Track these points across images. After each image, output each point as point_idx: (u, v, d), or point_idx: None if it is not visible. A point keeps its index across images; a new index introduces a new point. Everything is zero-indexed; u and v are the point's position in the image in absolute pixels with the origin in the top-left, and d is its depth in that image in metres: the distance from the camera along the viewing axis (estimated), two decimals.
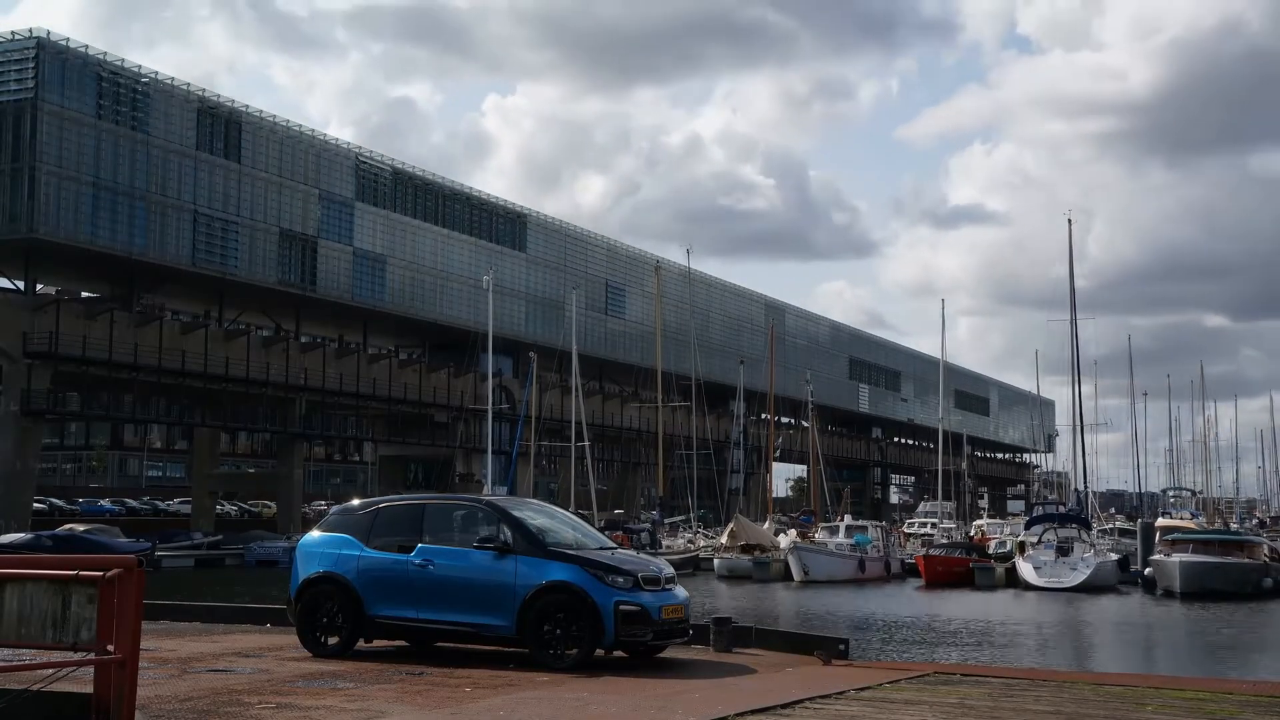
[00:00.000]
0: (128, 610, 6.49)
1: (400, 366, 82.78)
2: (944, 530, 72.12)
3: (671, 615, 12.41)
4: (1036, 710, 9.57)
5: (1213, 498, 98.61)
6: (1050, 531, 52.31)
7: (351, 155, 79.14)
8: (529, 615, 12.01)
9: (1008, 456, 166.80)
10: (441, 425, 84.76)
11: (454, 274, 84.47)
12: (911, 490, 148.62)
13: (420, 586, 12.55)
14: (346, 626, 12.84)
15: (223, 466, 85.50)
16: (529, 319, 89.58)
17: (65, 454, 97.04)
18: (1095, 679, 13.24)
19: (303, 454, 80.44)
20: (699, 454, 71.31)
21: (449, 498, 16.71)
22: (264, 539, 64.92)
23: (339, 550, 13.12)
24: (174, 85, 68.07)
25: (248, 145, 71.60)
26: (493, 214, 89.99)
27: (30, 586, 6.75)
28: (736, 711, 9.12)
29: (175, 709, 9.17)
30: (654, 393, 70.70)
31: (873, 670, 12.37)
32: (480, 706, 9.52)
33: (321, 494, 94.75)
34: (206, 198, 68.87)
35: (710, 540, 64.38)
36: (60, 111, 61.51)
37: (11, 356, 60.29)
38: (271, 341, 75.45)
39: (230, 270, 70.08)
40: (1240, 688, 11.58)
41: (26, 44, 61.29)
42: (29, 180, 60.39)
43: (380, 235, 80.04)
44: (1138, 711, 9.54)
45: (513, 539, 12.42)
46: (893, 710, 9.48)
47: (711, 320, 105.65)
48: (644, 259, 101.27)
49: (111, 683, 6.50)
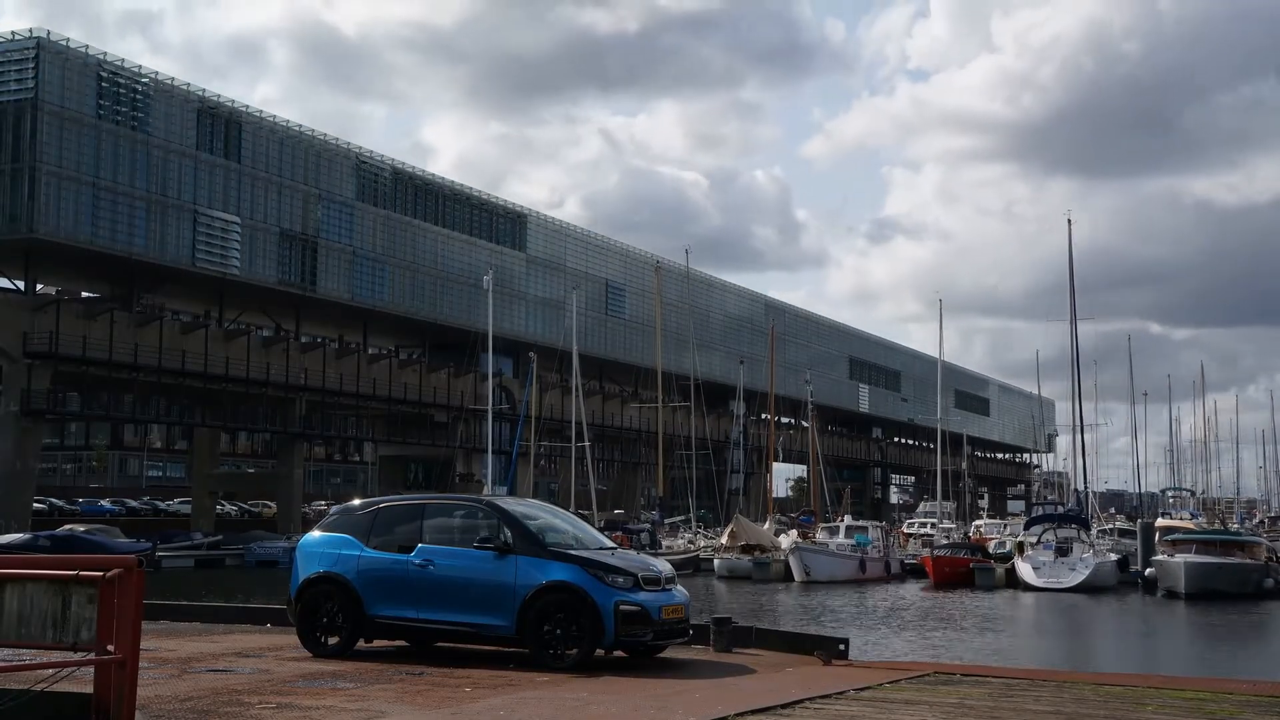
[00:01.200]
0: (128, 610, 6.50)
1: (400, 366, 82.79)
2: (944, 530, 72.13)
3: (671, 615, 12.42)
4: (1036, 710, 9.57)
5: (1212, 498, 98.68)
6: (1050, 532, 52.32)
7: (351, 155, 79.14)
8: (529, 615, 12.01)
9: (1008, 456, 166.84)
10: (441, 425, 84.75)
11: (454, 274, 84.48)
12: (911, 490, 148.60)
13: (420, 586, 12.55)
14: (347, 626, 12.84)
15: (223, 466, 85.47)
16: (529, 319, 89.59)
17: (65, 454, 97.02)
18: (1095, 679, 13.23)
19: (303, 454, 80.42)
20: (699, 454, 71.28)
21: (449, 498, 16.70)
22: (264, 539, 64.89)
23: (339, 550, 13.12)
24: (174, 85, 68.08)
25: (248, 145, 71.59)
26: (493, 214, 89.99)
27: (30, 587, 6.76)
28: (736, 711, 9.12)
29: (175, 709, 9.17)
30: (654, 393, 70.69)
31: (873, 670, 12.36)
32: (480, 706, 9.52)
33: (321, 494, 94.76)
34: (206, 198, 68.86)
35: (710, 540, 64.37)
36: (60, 111, 61.50)
37: (11, 356, 60.29)
38: (271, 341, 75.45)
39: (230, 270, 70.08)
40: (1240, 688, 11.58)
41: (26, 44, 61.29)
42: (29, 180, 60.38)
43: (380, 235, 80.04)
44: (1138, 711, 9.54)
45: (513, 539, 12.42)
46: (893, 710, 9.48)
47: (711, 320, 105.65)
48: (644, 259, 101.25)
49: (111, 683, 6.50)
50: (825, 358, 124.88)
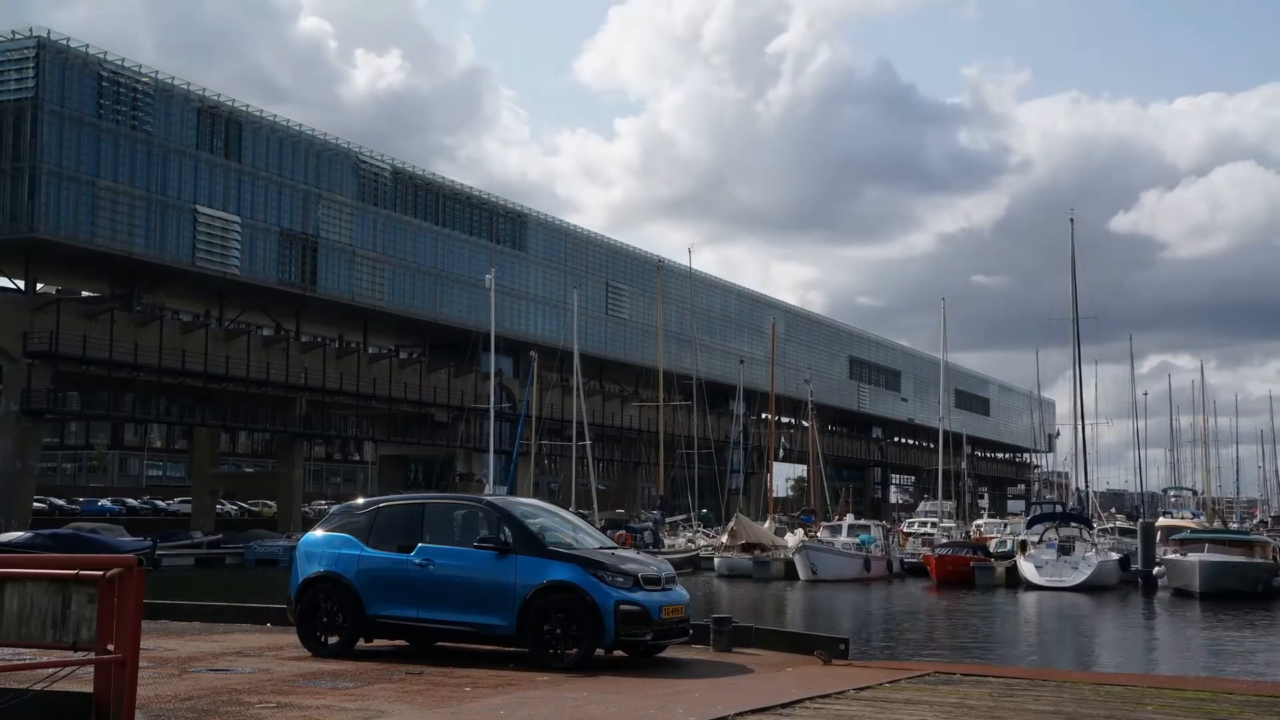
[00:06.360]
0: (128, 610, 6.49)
1: (400, 366, 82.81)
2: (944, 530, 72.07)
3: (671, 615, 12.40)
4: (1036, 710, 9.57)
5: (1212, 498, 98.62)
6: (1051, 531, 52.32)
7: (351, 155, 79.14)
8: (529, 615, 12.00)
9: (1008, 456, 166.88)
10: (442, 425, 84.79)
11: (454, 274, 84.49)
12: (911, 490, 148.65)
13: (420, 586, 12.54)
14: (347, 626, 12.82)
15: (223, 466, 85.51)
16: (529, 318, 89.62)
17: (65, 454, 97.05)
18: (1095, 679, 13.24)
19: (303, 454, 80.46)
20: (699, 454, 71.30)
21: (449, 497, 16.66)
22: (264, 538, 64.93)
23: (339, 550, 13.11)
24: (174, 85, 68.08)
25: (248, 145, 71.60)
26: (493, 214, 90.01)
27: (30, 586, 6.75)
28: (736, 711, 9.11)
29: (175, 709, 9.16)
30: (654, 392, 70.73)
31: (873, 670, 12.34)
32: (480, 706, 9.51)
33: (321, 494, 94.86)
34: (206, 197, 68.88)
35: (711, 540, 64.39)
36: (60, 111, 61.51)
37: (11, 356, 60.31)
38: (271, 341, 75.47)
39: (230, 270, 70.09)
40: (1240, 688, 11.58)
41: (26, 44, 61.29)
42: (29, 180, 60.41)
43: (380, 235, 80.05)
44: (1138, 711, 9.54)
45: (513, 539, 12.40)
46: (893, 710, 9.47)
47: (711, 320, 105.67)
48: (644, 259, 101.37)
49: (111, 682, 6.49)
50: (825, 358, 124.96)
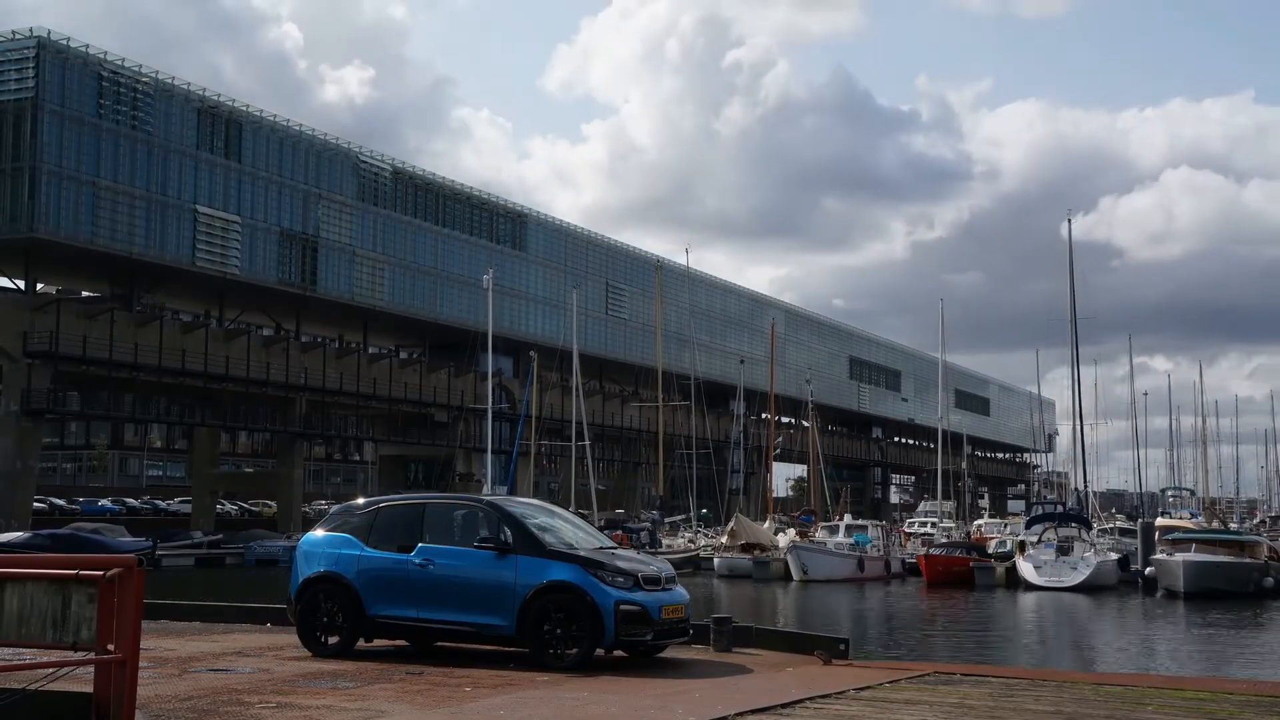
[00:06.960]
0: (128, 610, 6.49)
1: (400, 366, 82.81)
2: (944, 530, 72.06)
3: (671, 615, 12.40)
4: (1036, 710, 9.56)
5: (1212, 497, 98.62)
6: (1050, 531, 52.28)
7: (351, 155, 79.14)
8: (529, 615, 11.99)
9: (1008, 456, 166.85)
10: (441, 425, 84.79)
11: (454, 274, 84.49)
12: (911, 490, 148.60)
13: (420, 586, 12.53)
14: (347, 626, 12.82)
15: (223, 466, 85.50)
16: (529, 318, 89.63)
17: (65, 454, 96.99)
18: (1095, 679, 13.24)
19: (303, 454, 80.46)
20: (699, 454, 71.26)
21: (449, 497, 16.64)
22: (264, 538, 64.94)
23: (339, 550, 13.11)
24: (174, 85, 68.09)
25: (248, 145, 71.60)
26: (493, 214, 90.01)
27: (30, 586, 6.74)
28: (736, 711, 9.11)
29: (175, 708, 9.16)
30: (654, 392, 70.72)
31: (873, 670, 12.34)
32: (480, 706, 9.51)
33: (321, 494, 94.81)
34: (206, 198, 68.89)
35: (710, 540, 64.37)
36: (60, 111, 61.52)
37: (11, 356, 60.31)
38: (271, 341, 75.47)
39: (230, 270, 70.09)
40: (1240, 688, 11.58)
41: (27, 44, 61.30)
42: (29, 180, 60.41)
43: (380, 235, 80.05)
44: (1138, 711, 9.54)
45: (513, 539, 12.39)
46: (893, 710, 9.47)
47: (711, 320, 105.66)
48: (644, 259, 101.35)
49: (111, 682, 6.49)
50: (825, 358, 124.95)
